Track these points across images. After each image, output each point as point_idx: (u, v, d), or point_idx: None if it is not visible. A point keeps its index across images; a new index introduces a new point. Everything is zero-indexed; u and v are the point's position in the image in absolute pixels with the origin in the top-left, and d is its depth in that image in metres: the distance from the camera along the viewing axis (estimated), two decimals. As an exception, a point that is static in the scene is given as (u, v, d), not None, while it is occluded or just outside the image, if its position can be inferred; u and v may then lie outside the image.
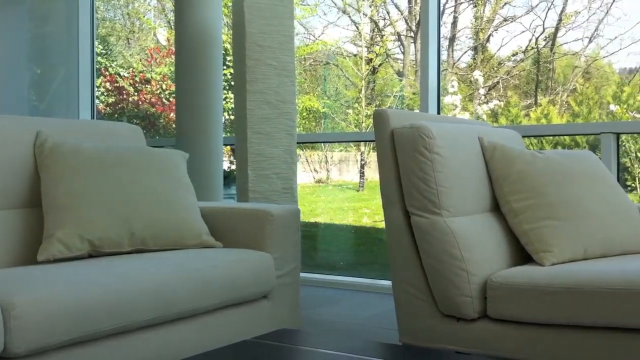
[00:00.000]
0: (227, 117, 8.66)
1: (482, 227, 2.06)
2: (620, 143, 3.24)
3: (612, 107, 9.99)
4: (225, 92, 8.36)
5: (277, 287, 2.35)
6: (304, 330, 2.54)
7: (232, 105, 3.56)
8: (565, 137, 9.81)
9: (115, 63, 9.85)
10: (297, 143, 3.43)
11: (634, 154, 9.28)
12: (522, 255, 2.11)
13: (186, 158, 2.60)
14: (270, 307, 2.33)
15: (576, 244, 2.03)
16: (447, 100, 9.25)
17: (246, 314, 2.23)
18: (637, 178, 9.35)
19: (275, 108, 3.31)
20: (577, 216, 2.07)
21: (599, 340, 1.76)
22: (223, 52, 3.97)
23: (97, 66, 8.81)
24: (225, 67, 7.46)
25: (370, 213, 10.04)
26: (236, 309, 2.19)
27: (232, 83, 3.43)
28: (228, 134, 4.90)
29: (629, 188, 9.21)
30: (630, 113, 9.86)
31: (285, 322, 2.38)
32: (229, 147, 7.24)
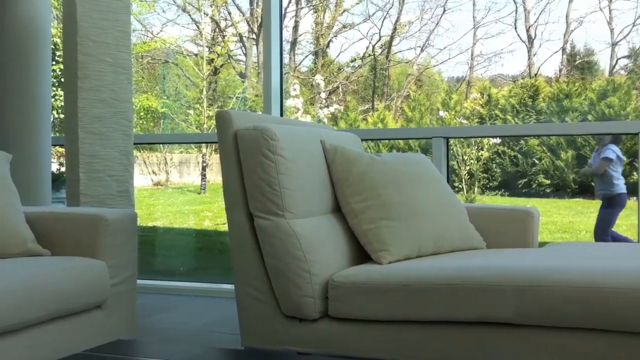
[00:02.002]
0: (56, 115, 8.14)
1: (324, 228, 2.09)
2: (449, 147, 3.44)
3: (442, 113, 10.68)
4: (54, 89, 7.86)
5: (112, 296, 2.22)
6: (141, 340, 2.43)
7: (62, 103, 3.33)
8: (399, 140, 10.33)
9: None
10: (134, 144, 3.29)
11: (460, 157, 9.97)
12: (362, 254, 2.15)
13: (9, 159, 2.40)
14: (104, 317, 2.20)
15: (411, 242, 2.12)
16: (289, 103, 9.38)
17: (78, 325, 2.09)
18: (463, 179, 10.05)
19: (110, 107, 3.15)
20: (412, 216, 2.15)
21: (436, 335, 1.84)
22: (52, 46, 3.70)
23: None
24: (54, 63, 7.02)
25: (212, 216, 9.91)
26: (66, 321, 2.05)
27: (62, 79, 3.21)
28: (57, 134, 4.60)
29: (457, 189, 9.88)
30: (457, 119, 10.60)
31: (120, 332, 2.26)
32: (58, 147, 6.81)
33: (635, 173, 10.07)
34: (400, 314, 1.86)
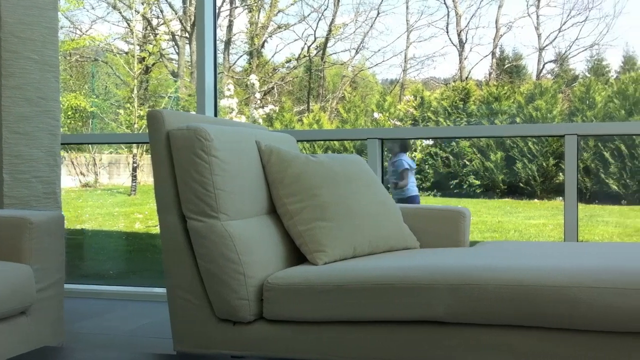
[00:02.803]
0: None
1: (260, 229, 2.07)
2: (383, 148, 3.47)
3: (376, 114, 10.81)
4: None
5: (38, 301, 2.13)
6: (68, 346, 2.34)
7: (-15, 101, 3.19)
8: (335, 141, 10.39)
9: None
10: (61, 144, 3.18)
11: (394, 158, 10.09)
12: (298, 256, 2.14)
13: None
14: (29, 323, 2.11)
15: (347, 243, 2.12)
16: (223, 103, 9.29)
17: (1, 332, 2.00)
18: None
19: (36, 105, 3.03)
20: (348, 216, 2.15)
21: (372, 335, 1.85)
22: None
23: None
24: (-23, 59, 6.71)
25: (143, 218, 9.73)
26: (-12, 329, 1.95)
27: (-15, 76, 3.07)
28: (-20, 133, 4.41)
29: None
30: (391, 120, 10.74)
31: (47, 339, 2.17)
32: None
33: (561, 174, 10.45)
34: (336, 315, 1.86)
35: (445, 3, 13.12)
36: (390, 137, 3.53)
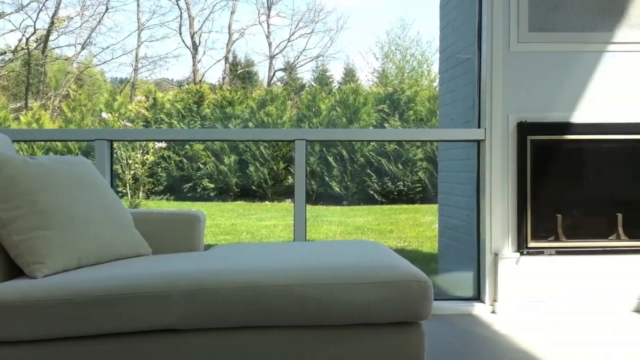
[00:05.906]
0: None
1: (-39, 241, 1.81)
2: (113, 150, 3.30)
3: (104, 114, 10.31)
4: None
5: None
6: None
7: None
8: (58, 142, 9.68)
9: None
10: None
11: (125, 161, 9.73)
12: (13, 268, 1.93)
13: None
14: None
15: (70, 253, 1.96)
16: None
17: None
18: (127, 184, 9.83)
19: None
20: (71, 224, 1.99)
21: (100, 349, 1.74)
22: None
23: None
24: None
25: None
26: None
27: None
28: None
29: (121, 194, 9.63)
30: (121, 121, 10.33)
31: None
32: None
33: (290, 177, 11.01)
34: (59, 332, 1.71)
35: (177, 4, 13.07)
36: (119, 139, 3.37)
